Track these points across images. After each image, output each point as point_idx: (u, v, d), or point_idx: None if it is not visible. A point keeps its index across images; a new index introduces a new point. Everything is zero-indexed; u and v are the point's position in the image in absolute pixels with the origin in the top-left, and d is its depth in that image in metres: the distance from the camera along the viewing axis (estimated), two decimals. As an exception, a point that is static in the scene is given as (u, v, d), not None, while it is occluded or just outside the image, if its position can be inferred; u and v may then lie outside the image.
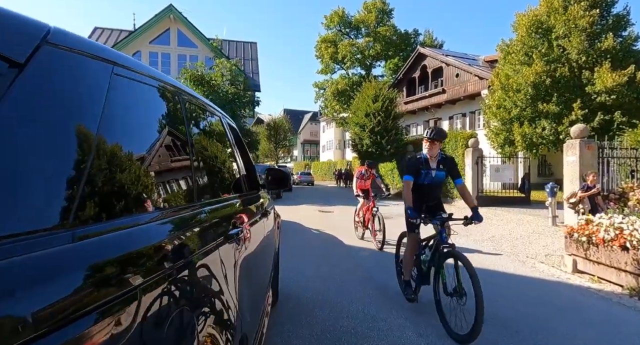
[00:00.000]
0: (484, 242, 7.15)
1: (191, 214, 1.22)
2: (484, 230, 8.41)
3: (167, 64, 21.95)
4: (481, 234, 8.03)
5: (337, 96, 33.78)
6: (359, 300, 3.80)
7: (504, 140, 16.42)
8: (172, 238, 1.00)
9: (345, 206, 13.97)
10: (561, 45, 14.84)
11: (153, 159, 1.04)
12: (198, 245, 1.14)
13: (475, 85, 22.07)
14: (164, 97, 1.25)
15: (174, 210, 1.11)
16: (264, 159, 39.31)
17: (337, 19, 34.98)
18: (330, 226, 9.04)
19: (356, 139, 18.03)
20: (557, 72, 14.56)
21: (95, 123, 0.78)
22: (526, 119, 15.47)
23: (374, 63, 35.76)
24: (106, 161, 0.80)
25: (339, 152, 45.97)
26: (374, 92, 17.73)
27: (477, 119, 23.12)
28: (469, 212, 3.38)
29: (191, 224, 1.18)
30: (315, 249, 6.39)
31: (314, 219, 10.37)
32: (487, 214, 11.21)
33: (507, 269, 5.18)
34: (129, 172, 0.89)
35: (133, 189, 0.90)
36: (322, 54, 35.10)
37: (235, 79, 18.55)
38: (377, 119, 17.01)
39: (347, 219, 10.56)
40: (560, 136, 14.40)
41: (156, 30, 22.05)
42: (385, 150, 17.13)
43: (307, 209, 13.15)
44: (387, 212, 11.40)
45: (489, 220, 9.95)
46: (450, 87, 24.32)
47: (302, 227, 8.93)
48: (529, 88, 14.95)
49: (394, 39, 34.76)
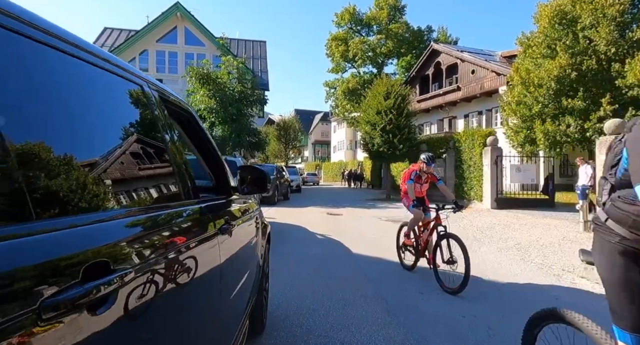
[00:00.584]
0: (508, 250, 6.35)
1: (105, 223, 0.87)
2: (507, 236, 7.59)
3: (174, 62, 21.61)
4: (504, 240, 7.22)
5: (348, 95, 33.01)
6: (367, 335, 3.10)
7: (525, 139, 15.44)
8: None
9: (354, 208, 13.26)
10: (588, 36, 13.81)
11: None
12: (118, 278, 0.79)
13: (492, 81, 21.06)
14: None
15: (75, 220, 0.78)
16: (274, 159, 38.82)
17: (347, 17, 34.24)
18: (337, 230, 8.34)
19: (367, 137, 17.23)
20: (583, 65, 13.54)
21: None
22: (549, 115, 14.47)
23: (385, 61, 34.89)
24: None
25: (350, 153, 45.23)
26: (385, 88, 16.93)
27: (494, 117, 22.11)
28: (481, 215, 2.68)
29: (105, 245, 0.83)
30: (317, 259, 5.71)
31: (321, 223, 9.69)
32: (508, 218, 10.35)
33: (542, 287, 4.40)
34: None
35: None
36: (332, 52, 34.40)
37: (242, 76, 18.03)
38: (389, 116, 16.20)
39: (357, 222, 9.87)
40: (586, 134, 13.39)
41: (163, 28, 21.73)
42: (397, 150, 16.29)
43: (314, 211, 12.48)
44: (394, 217, 10.68)
45: (512, 225, 9.10)
46: (465, 84, 23.35)
47: (305, 231, 8.26)
48: (552, 82, 13.96)
49: (407, 36, 33.84)
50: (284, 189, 16.79)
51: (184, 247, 1.23)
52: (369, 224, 9.55)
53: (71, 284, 0.68)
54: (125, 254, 0.88)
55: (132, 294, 0.85)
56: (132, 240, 0.95)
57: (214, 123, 16.59)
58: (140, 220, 1.05)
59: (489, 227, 8.93)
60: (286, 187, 17.35)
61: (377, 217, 10.95)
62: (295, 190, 21.81)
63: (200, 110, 16.50)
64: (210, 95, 16.49)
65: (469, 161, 14.26)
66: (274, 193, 14.25)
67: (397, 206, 14.23)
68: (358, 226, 9.23)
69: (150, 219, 1.10)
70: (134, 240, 0.96)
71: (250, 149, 19.05)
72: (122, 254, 0.87)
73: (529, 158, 15.51)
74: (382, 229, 8.70)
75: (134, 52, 21.53)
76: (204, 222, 1.55)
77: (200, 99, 16.56)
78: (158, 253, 1.03)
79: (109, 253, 0.82)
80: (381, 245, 6.74)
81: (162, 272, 1.03)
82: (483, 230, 8.40)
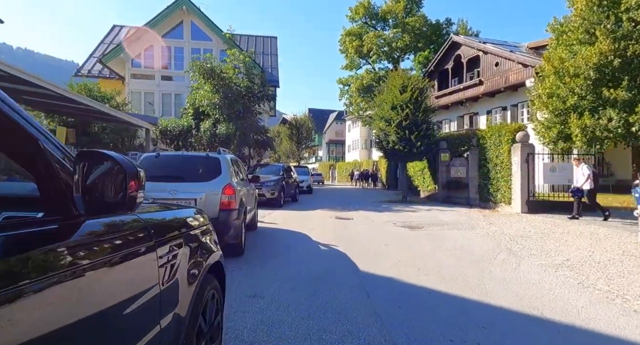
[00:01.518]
0: (557, 268, 5.04)
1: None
2: (550, 249, 6.25)
3: (180, 58, 20.85)
4: (547, 254, 5.89)
5: (362, 92, 31.70)
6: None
7: (558, 135, 13.86)
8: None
9: (367, 212, 12.03)
10: (633, 18, 12.19)
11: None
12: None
13: (519, 74, 19.44)
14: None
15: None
16: (286, 159, 37.83)
17: (362, 11, 32.96)
18: (344, 239, 7.17)
19: (381, 135, 15.89)
20: (628, 50, 11.93)
21: None
22: (586, 108, 12.88)
23: (402, 56, 33.41)
24: None
25: (365, 152, 43.93)
26: (401, 81, 15.60)
27: (519, 113, 20.46)
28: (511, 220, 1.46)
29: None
30: (312, 281, 4.56)
31: (328, 229, 8.53)
32: (544, 225, 8.96)
33: (620, 332, 3.12)
34: None
35: None
36: (346, 47, 33.17)
37: (249, 71, 17.04)
38: (405, 111, 14.85)
39: (368, 228, 8.65)
40: (631, 128, 11.79)
41: (169, 23, 20.98)
42: (414, 148, 14.92)
43: (322, 215, 11.32)
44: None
45: (551, 234, 7.72)
46: (488, 78, 21.75)
47: (307, 241, 7.11)
48: (591, 71, 12.39)
49: (424, 30, 32.30)
50: (292, 190, 15.69)
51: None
52: (382, 231, 8.33)
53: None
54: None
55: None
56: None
57: (218, 120, 15.63)
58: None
59: (523, 235, 7.58)
60: (294, 187, 16.24)
61: (391, 222, 9.71)
62: (305, 191, 20.69)
63: (203, 106, 15.58)
64: (215, 90, 15.54)
65: (495, 159, 12.84)
66: (280, 195, 13.16)
67: (414, 209, 12.93)
68: (369, 233, 8.02)
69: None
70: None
71: (257, 148, 18.06)
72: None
73: (560, 156, 14.00)
74: (396, 237, 7.47)
75: (139, 48, 20.86)
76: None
77: (203, 94, 15.63)
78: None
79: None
80: (394, 259, 5.54)
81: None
82: (517, 240, 7.07)
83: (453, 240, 7.18)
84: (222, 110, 15.27)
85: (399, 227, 8.93)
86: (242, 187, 6.29)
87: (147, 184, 4.94)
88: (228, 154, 6.32)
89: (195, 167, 5.36)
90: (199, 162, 5.44)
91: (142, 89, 20.95)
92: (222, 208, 5.06)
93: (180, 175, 5.16)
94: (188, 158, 5.53)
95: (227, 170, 5.39)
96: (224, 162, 5.47)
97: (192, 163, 5.45)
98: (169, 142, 15.54)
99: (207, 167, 5.30)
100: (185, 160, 5.46)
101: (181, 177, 5.13)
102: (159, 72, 21.19)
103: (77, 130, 13.27)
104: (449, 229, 8.60)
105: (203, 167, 5.32)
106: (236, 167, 6.48)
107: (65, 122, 13.19)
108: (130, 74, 20.78)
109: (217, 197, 5.06)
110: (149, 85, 21.04)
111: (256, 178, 7.89)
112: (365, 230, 8.48)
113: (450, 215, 11.24)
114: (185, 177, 5.13)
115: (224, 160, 5.49)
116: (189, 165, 5.38)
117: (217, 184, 5.14)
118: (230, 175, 5.52)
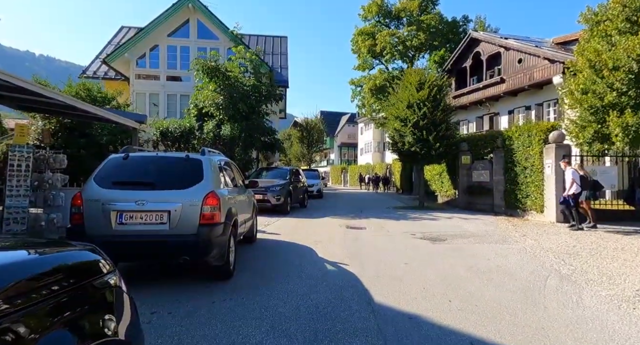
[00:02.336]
0: (629, 302, 3.86)
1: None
2: (611, 272, 5.03)
3: (186, 58, 20.08)
4: (610, 280, 4.69)
5: (375, 93, 30.52)
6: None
7: (594, 135, 12.48)
8: None
9: (381, 220, 10.88)
10: (682, 2, 10.84)
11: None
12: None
13: (545, 70, 18.02)
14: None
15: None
16: (296, 162, 36.84)
17: (375, 9, 31.86)
18: (356, 255, 6.09)
19: (396, 136, 14.72)
20: (677, 39, 10.58)
21: None
22: (628, 105, 11.51)
23: (417, 55, 32.14)
24: None
25: (378, 155, 42.66)
26: (418, 78, 14.45)
27: (545, 112, 19.00)
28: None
29: None
30: (312, 321, 3.51)
31: (337, 241, 7.45)
32: (589, 237, 7.70)
33: None
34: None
35: None
36: (358, 47, 32.09)
37: (256, 70, 16.13)
38: (423, 110, 13.67)
39: (383, 241, 7.50)
40: (683, 127, 10.39)
41: (174, 21, 20.28)
42: (433, 149, 13.71)
43: (331, 223, 10.25)
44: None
45: (603, 251, 6.48)
46: (510, 76, 20.38)
47: (312, 257, 6.04)
48: (634, 64, 11.03)
49: (440, 28, 31.00)
50: (300, 194, 14.67)
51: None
52: (399, 244, 7.21)
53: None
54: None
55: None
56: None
57: (222, 121, 14.73)
58: None
59: (569, 252, 6.37)
60: (303, 192, 15.21)
61: (409, 232, 8.58)
62: (315, 196, 19.65)
63: (206, 106, 14.72)
64: (219, 89, 14.67)
65: (524, 162, 11.56)
66: (286, 200, 12.15)
67: (433, 216, 11.71)
68: (384, 247, 6.92)
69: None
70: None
71: (264, 150, 17.09)
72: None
73: (595, 158, 12.63)
74: (417, 253, 6.35)
75: (144, 48, 20.23)
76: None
77: (206, 94, 14.77)
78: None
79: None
80: (418, 285, 4.44)
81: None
82: (564, 259, 5.87)
83: (485, 258, 6.02)
84: (226, 110, 14.37)
85: (418, 239, 7.79)
86: (234, 195, 5.28)
87: (108, 192, 3.91)
88: (216, 155, 5.33)
89: (171, 171, 4.35)
90: (176, 165, 4.43)
91: (147, 90, 20.30)
92: (202, 222, 4.05)
93: (152, 181, 4.16)
94: (163, 160, 4.49)
95: (210, 175, 4.38)
96: (208, 164, 4.46)
97: (168, 166, 4.42)
98: (170, 143, 14.72)
99: (186, 171, 4.30)
100: (159, 162, 4.43)
101: (152, 183, 4.13)
102: (164, 72, 20.51)
103: (76, 131, 12.58)
104: (477, 242, 7.43)
105: (181, 171, 4.32)
106: (227, 171, 5.49)
107: (62, 124, 12.51)
108: (134, 75, 20.15)
109: (197, 209, 4.05)
110: (154, 86, 20.37)
111: (254, 183, 6.88)
112: (379, 243, 7.37)
113: (475, 224, 10.03)
114: (158, 184, 4.13)
115: (208, 163, 4.48)
116: (164, 168, 4.35)
117: (197, 192, 4.14)
118: (216, 181, 4.51)
